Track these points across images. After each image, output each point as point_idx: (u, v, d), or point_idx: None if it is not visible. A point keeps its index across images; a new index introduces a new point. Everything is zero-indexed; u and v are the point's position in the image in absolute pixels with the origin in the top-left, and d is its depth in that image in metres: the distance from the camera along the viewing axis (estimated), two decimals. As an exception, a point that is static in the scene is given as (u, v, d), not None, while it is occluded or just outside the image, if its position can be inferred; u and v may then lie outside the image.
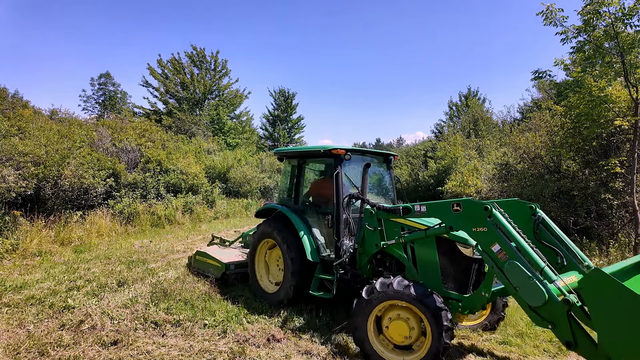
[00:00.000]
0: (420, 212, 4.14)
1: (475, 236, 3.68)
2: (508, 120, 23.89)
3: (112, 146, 13.25)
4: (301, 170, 5.68)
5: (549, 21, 7.02)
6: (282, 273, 5.39)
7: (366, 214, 4.65)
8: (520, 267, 3.28)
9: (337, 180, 4.97)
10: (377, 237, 4.51)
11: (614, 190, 7.56)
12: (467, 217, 3.72)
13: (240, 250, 7.04)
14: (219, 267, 6.20)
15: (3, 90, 16.43)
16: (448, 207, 3.86)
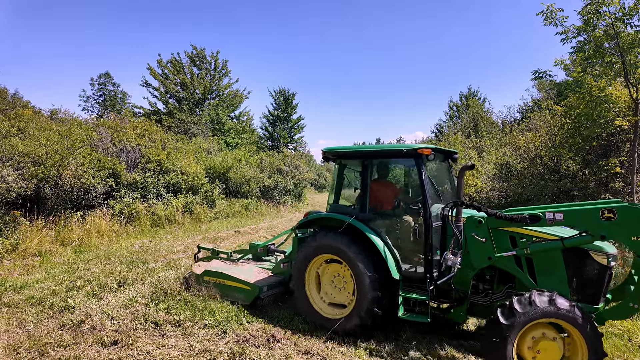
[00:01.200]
0: (554, 221, 3.68)
1: (635, 246, 3.40)
2: (508, 120, 23.89)
3: (112, 146, 13.25)
4: (367, 173, 4.86)
5: (549, 21, 7.02)
6: (343, 294, 4.71)
7: (472, 223, 4.07)
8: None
9: (424, 184, 4.36)
10: (489, 248, 3.98)
11: (614, 190, 7.57)
12: (624, 225, 3.38)
13: (255, 265, 6.17)
14: (248, 291, 5.20)
15: (3, 90, 16.42)
16: (596, 215, 3.49)
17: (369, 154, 4.95)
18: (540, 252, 3.83)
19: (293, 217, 17.54)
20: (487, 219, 4.01)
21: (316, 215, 5.12)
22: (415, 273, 4.47)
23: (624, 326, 4.78)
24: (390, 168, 5.43)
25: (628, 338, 4.56)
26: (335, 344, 4.28)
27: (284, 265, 5.69)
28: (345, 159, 5.23)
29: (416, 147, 4.34)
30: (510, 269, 3.99)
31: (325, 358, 3.97)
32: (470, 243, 4.09)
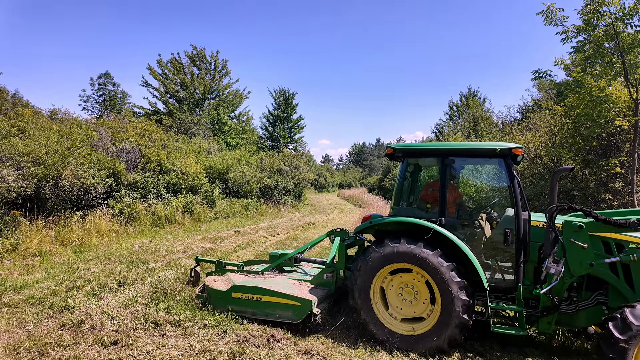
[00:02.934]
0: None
1: None
2: (508, 120, 23.88)
3: (112, 146, 13.25)
4: (445, 174, 4.46)
5: (550, 21, 7.02)
6: (414, 307, 4.33)
7: (571, 228, 3.89)
8: None
9: (515, 188, 4.12)
10: (589, 255, 3.82)
11: (614, 190, 7.56)
12: None
13: (285, 276, 5.53)
14: (297, 307, 4.51)
15: (3, 90, 16.42)
16: None
17: (452, 151, 4.55)
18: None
19: (293, 217, 17.54)
20: (588, 223, 3.83)
21: (383, 220, 4.59)
22: (503, 282, 4.24)
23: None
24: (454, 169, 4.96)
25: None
26: (335, 344, 4.28)
27: (327, 275, 5.08)
28: (418, 156, 4.88)
29: (510, 147, 4.11)
30: (606, 276, 3.83)
31: (325, 358, 3.97)
32: (569, 249, 3.89)
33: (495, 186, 4.82)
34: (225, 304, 4.86)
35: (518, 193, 4.12)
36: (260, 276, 5.48)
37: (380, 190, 40.47)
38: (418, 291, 4.30)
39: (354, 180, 60.67)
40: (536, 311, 4.06)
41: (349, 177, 61.32)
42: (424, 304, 4.29)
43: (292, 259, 5.73)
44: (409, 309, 4.35)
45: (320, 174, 43.79)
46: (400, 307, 4.38)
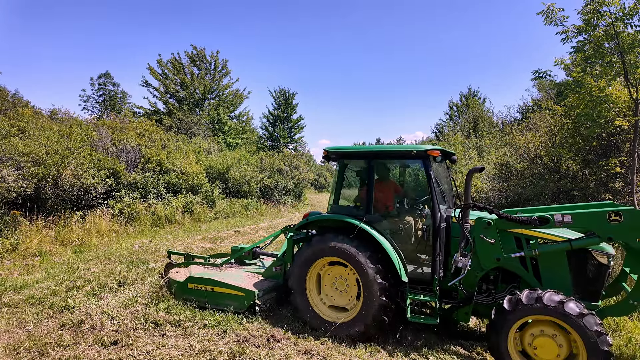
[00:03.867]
0: (563, 223, 3.86)
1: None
2: (508, 120, 23.90)
3: (112, 146, 13.25)
4: (372, 174, 4.77)
5: (550, 21, 7.01)
6: (345, 297, 4.62)
7: (481, 225, 4.18)
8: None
9: (432, 186, 4.36)
10: (497, 250, 4.10)
11: (614, 190, 7.55)
12: (630, 228, 3.57)
13: (242, 269, 5.83)
14: (242, 297, 4.89)
15: (3, 90, 16.42)
16: (604, 218, 3.68)
17: (376, 154, 4.89)
18: (547, 253, 3.94)
19: (293, 217, 17.54)
20: (496, 220, 4.10)
21: (318, 217, 4.95)
22: (422, 275, 4.48)
23: (625, 327, 4.78)
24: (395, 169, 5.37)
25: (628, 338, 4.55)
26: (335, 344, 4.28)
27: (277, 268, 5.42)
28: (349, 158, 5.16)
29: (426, 149, 4.36)
30: (515, 269, 4.09)
31: (325, 358, 3.97)
32: (478, 245, 4.15)
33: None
34: (182, 294, 5.21)
35: (435, 191, 4.33)
36: (219, 269, 5.78)
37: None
38: (350, 284, 4.60)
39: (354, 180, 60.52)
40: (455, 302, 4.36)
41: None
42: (352, 297, 4.58)
43: (251, 253, 6.05)
44: (340, 299, 4.67)
45: (320, 174, 43.76)
46: (332, 296, 4.71)
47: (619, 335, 4.65)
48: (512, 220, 4.00)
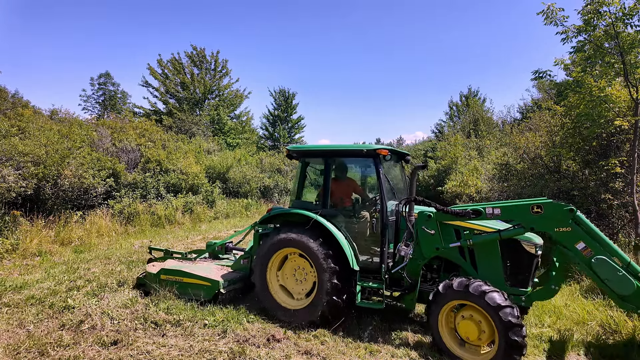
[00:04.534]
0: (493, 215, 4.21)
1: (559, 236, 3.95)
2: (508, 120, 23.90)
3: (112, 146, 13.25)
4: (329, 171, 5.09)
5: (550, 21, 7.00)
6: (304, 286, 4.92)
7: (423, 217, 4.53)
8: (609, 261, 3.70)
9: (381, 182, 4.69)
10: (437, 240, 4.46)
11: (614, 190, 7.54)
12: (549, 219, 3.93)
13: (214, 263, 6.13)
14: (208, 287, 5.23)
15: (3, 90, 16.42)
16: (527, 210, 4.04)
17: (331, 152, 5.19)
18: (481, 243, 4.29)
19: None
20: (436, 213, 4.47)
21: (280, 211, 5.27)
22: (372, 264, 4.84)
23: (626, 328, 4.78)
24: (350, 167, 5.70)
25: (628, 338, 4.56)
26: (335, 344, 4.28)
27: (244, 261, 5.71)
28: (308, 157, 5.50)
29: (375, 148, 4.69)
30: (454, 259, 4.47)
31: (325, 358, 3.97)
32: (420, 235, 4.54)
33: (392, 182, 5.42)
34: (156, 284, 5.48)
35: (383, 187, 4.66)
36: (191, 262, 6.04)
37: (380, 190, 40.42)
38: (308, 273, 4.90)
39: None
40: (401, 290, 4.70)
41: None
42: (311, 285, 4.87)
43: (224, 248, 6.42)
44: (300, 287, 4.97)
45: (320, 174, 43.73)
46: (293, 286, 5.01)
47: (619, 335, 4.66)
48: (449, 213, 4.36)
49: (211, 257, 6.47)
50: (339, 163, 5.44)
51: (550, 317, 5.19)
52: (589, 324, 4.93)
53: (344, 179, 5.55)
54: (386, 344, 4.34)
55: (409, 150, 38.24)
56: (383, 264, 4.60)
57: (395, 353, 4.12)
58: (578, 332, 4.74)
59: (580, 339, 4.56)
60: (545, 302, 5.42)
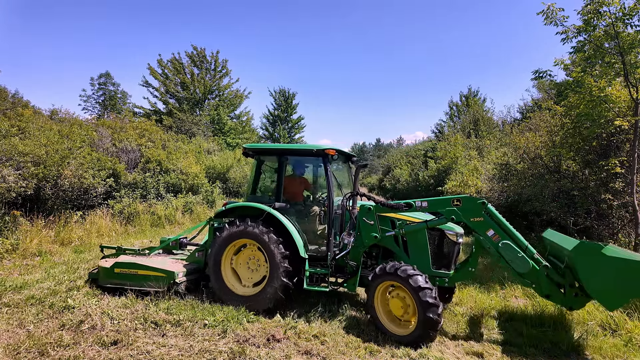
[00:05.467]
0: (421, 208, 4.92)
1: (473, 225, 4.68)
2: (508, 120, 23.87)
3: (112, 146, 13.24)
4: (282, 168, 5.53)
5: (550, 21, 7.00)
6: (257, 274, 5.35)
7: (364, 210, 5.15)
8: (512, 245, 4.44)
9: (329, 179, 5.18)
10: (375, 230, 5.08)
11: (614, 190, 7.54)
12: (466, 210, 4.68)
13: (168, 257, 6.31)
14: (163, 277, 5.43)
15: (3, 90, 16.42)
16: (449, 203, 4.78)
17: (284, 151, 5.61)
18: (411, 232, 4.91)
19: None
20: (375, 206, 5.11)
21: (235, 205, 5.57)
22: (320, 253, 5.33)
23: (624, 327, 4.78)
24: (301, 165, 6.14)
25: (628, 338, 4.56)
26: (335, 344, 4.28)
27: (199, 254, 5.94)
28: (263, 155, 5.91)
29: (324, 148, 5.17)
30: (390, 246, 5.09)
31: (325, 358, 3.97)
32: (362, 226, 5.14)
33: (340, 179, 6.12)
34: (109, 279, 5.68)
35: (331, 183, 5.15)
36: (147, 257, 6.20)
37: (380, 190, 40.47)
38: (260, 263, 5.34)
39: (354, 180, 60.47)
40: (345, 275, 5.22)
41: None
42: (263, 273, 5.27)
43: (178, 243, 6.65)
44: (254, 276, 5.37)
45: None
46: (246, 275, 5.41)
47: (619, 335, 4.67)
48: (386, 206, 5.06)
49: (165, 252, 6.66)
50: (292, 161, 5.87)
51: (551, 317, 5.19)
52: (588, 324, 4.93)
53: (296, 176, 6.02)
54: (386, 344, 4.34)
55: (409, 150, 38.29)
56: (330, 252, 5.12)
57: (395, 353, 4.12)
58: (578, 332, 4.75)
59: (579, 337, 4.56)
60: (545, 302, 5.54)
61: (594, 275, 3.94)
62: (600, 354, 4.27)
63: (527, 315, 5.28)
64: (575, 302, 4.32)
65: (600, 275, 3.88)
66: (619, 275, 3.78)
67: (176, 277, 5.42)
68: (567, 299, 4.33)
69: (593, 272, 3.94)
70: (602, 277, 3.87)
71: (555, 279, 4.35)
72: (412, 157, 31.58)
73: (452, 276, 4.86)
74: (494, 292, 6.44)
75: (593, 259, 3.92)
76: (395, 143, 78.87)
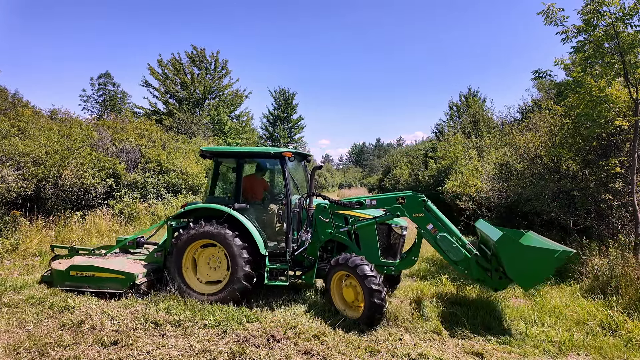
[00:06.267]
0: (371, 205, 5.48)
1: (415, 220, 5.28)
2: (508, 120, 23.87)
3: (112, 146, 13.25)
4: (241, 170, 5.76)
5: (550, 21, 7.00)
6: (218, 272, 5.54)
7: (319, 209, 5.63)
8: (447, 237, 5.09)
9: (287, 180, 5.52)
10: (330, 226, 5.60)
11: (614, 191, 7.54)
12: (409, 207, 5.29)
13: (125, 257, 6.28)
14: (122, 279, 5.42)
15: (3, 90, 16.42)
16: (394, 200, 5.39)
17: (243, 154, 5.86)
18: (362, 227, 5.42)
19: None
20: (330, 205, 5.60)
21: (195, 206, 5.72)
22: (279, 249, 5.61)
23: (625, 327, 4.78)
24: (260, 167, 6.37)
25: (628, 338, 4.56)
26: (335, 344, 4.28)
27: (158, 254, 6.00)
28: (222, 157, 6.11)
29: (281, 151, 5.52)
30: (344, 241, 5.58)
31: (325, 358, 3.97)
32: (318, 223, 5.62)
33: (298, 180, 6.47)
34: (64, 281, 5.61)
35: (288, 184, 5.50)
36: (102, 258, 6.17)
37: (380, 190, 40.49)
38: (221, 261, 5.53)
39: (354, 180, 60.69)
40: (303, 269, 5.68)
41: (349, 177, 61.36)
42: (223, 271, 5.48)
43: (135, 242, 6.62)
44: (214, 274, 5.57)
45: (320, 174, 43.81)
46: (207, 273, 5.59)
47: (619, 335, 4.67)
48: (339, 204, 5.55)
49: (122, 252, 6.60)
50: (250, 163, 6.19)
51: (551, 317, 5.20)
52: (588, 324, 4.93)
53: (255, 177, 6.28)
54: (386, 344, 4.34)
55: (409, 150, 38.30)
56: (289, 249, 5.43)
57: (395, 353, 4.12)
58: (578, 332, 4.75)
59: (580, 338, 4.56)
60: (545, 302, 5.65)
61: (512, 261, 4.58)
62: (600, 354, 4.26)
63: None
64: (499, 284, 5.01)
65: (517, 261, 4.54)
66: (532, 260, 4.47)
67: (136, 279, 5.41)
68: (493, 282, 5.00)
69: (512, 259, 4.58)
70: (519, 263, 4.53)
71: (484, 265, 4.99)
72: (412, 157, 31.56)
73: (398, 265, 5.49)
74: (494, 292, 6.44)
75: (512, 247, 4.56)
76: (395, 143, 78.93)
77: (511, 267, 4.61)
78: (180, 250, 5.46)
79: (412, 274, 7.71)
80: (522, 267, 4.53)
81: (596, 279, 6.18)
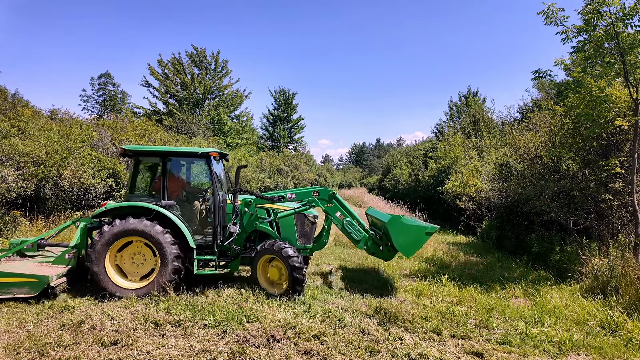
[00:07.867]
0: (291, 199, 6.40)
1: (327, 209, 6.39)
2: (508, 120, 23.86)
3: (112, 146, 13.24)
4: (166, 169, 5.95)
5: (550, 21, 7.00)
6: (143, 268, 5.68)
7: (245, 203, 6.34)
8: (351, 221, 6.37)
9: (213, 177, 5.95)
10: (255, 218, 6.31)
11: (614, 191, 7.54)
12: (322, 199, 6.36)
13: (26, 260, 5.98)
14: (34, 282, 5.14)
15: (3, 90, 16.42)
16: (310, 194, 6.39)
17: (169, 153, 6.04)
18: (283, 218, 6.20)
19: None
20: (255, 200, 6.32)
21: (116, 205, 5.79)
22: (206, 242, 6.06)
23: (627, 328, 4.78)
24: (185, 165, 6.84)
25: (628, 338, 4.56)
26: (335, 344, 4.28)
27: (69, 255, 5.81)
28: (144, 156, 6.34)
29: (208, 151, 5.98)
30: (267, 231, 6.28)
31: (325, 358, 3.97)
32: (244, 216, 6.33)
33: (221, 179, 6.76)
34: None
35: (215, 181, 5.94)
36: None
37: (380, 190, 40.49)
38: (147, 257, 5.69)
39: (354, 180, 60.64)
40: (228, 258, 6.17)
41: (349, 177, 61.29)
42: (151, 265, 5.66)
43: (35, 245, 6.23)
44: (141, 269, 5.71)
45: (320, 174, 43.78)
46: (133, 270, 5.71)
47: (619, 335, 4.67)
48: (263, 199, 6.28)
49: (18, 255, 6.18)
50: (176, 162, 6.48)
51: (551, 317, 5.20)
52: (588, 324, 4.93)
53: (179, 176, 6.66)
54: (386, 344, 4.34)
55: (409, 150, 38.33)
56: (216, 241, 5.93)
57: (395, 353, 4.12)
58: (578, 332, 4.75)
59: (580, 338, 4.56)
60: (545, 302, 5.70)
61: (397, 235, 5.96)
62: (600, 354, 4.26)
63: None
64: (388, 255, 6.50)
65: (400, 235, 5.95)
66: (411, 234, 5.96)
67: (51, 281, 5.18)
68: (384, 254, 6.47)
69: (397, 234, 5.96)
70: (402, 236, 5.95)
71: (377, 242, 6.44)
72: (412, 157, 31.59)
73: (311, 247, 6.47)
74: (494, 292, 6.45)
75: (397, 225, 5.98)
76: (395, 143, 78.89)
77: (397, 240, 5.96)
78: (103, 248, 5.44)
79: (412, 274, 7.71)
80: (404, 240, 5.96)
81: (596, 279, 6.18)
